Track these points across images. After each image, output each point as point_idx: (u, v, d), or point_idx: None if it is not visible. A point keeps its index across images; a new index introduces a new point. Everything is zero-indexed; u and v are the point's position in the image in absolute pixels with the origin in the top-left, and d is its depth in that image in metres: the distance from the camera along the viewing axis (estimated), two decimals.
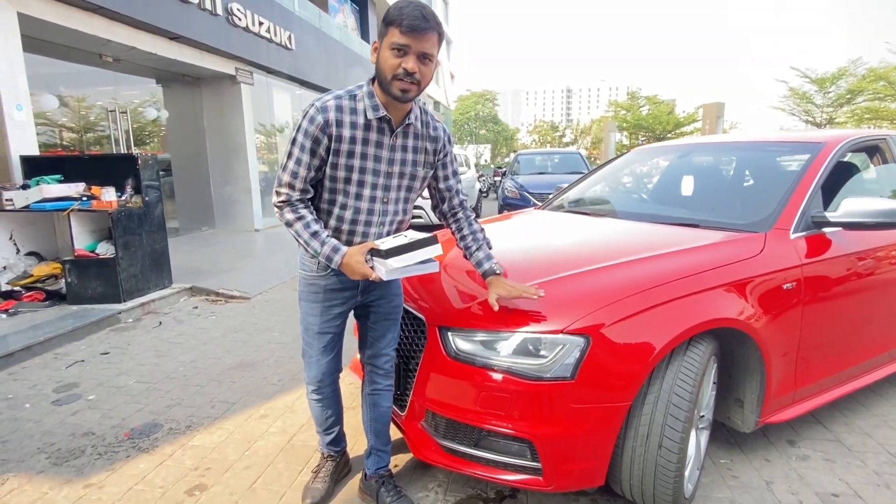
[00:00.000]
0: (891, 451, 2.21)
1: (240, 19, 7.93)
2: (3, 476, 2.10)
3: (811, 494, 1.93)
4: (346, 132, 1.53)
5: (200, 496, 1.95)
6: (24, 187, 4.42)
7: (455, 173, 1.83)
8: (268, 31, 8.78)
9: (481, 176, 15.91)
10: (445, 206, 1.85)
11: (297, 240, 1.60)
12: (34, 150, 5.05)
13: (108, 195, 4.37)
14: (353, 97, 1.56)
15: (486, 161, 40.32)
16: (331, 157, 1.55)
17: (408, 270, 1.56)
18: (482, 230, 1.84)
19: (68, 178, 4.64)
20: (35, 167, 4.79)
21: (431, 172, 1.75)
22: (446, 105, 33.18)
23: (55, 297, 4.36)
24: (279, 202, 1.57)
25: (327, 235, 1.57)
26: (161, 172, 8.85)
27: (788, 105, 22.35)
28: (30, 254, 4.75)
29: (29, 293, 4.34)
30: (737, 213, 2.41)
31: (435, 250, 1.56)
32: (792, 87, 21.84)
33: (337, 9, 14.60)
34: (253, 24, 8.31)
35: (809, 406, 2.16)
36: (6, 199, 4.24)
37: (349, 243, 1.64)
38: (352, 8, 16.00)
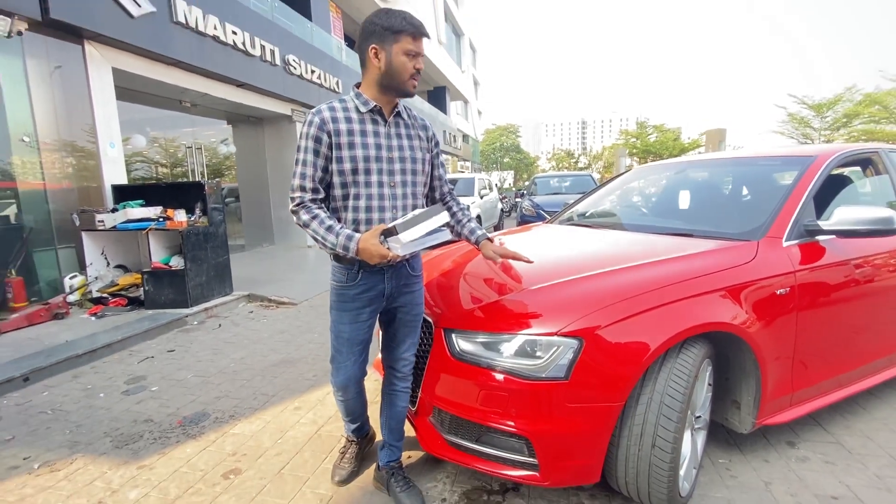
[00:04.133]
0: (892, 454, 1.95)
1: (295, 68, 8.17)
2: (73, 456, 2.12)
3: (810, 496, 1.72)
4: (343, 126, 1.51)
5: (234, 479, 1.90)
6: (113, 211, 4.61)
7: (442, 164, 1.82)
8: (319, 77, 9.01)
9: (504, 198, 15.81)
10: (437, 194, 1.83)
11: (314, 238, 1.51)
12: (123, 180, 5.28)
13: (180, 216, 4.50)
14: (342, 100, 1.57)
15: (509, 185, 40.09)
16: (334, 152, 1.51)
17: (421, 242, 1.46)
18: (468, 208, 1.86)
19: (149, 203, 4.82)
20: (123, 194, 5.00)
21: (429, 157, 1.71)
22: (475, 137, 33.28)
23: (135, 303, 4.49)
24: (294, 207, 1.52)
25: (341, 227, 1.49)
26: (232, 199, 9.24)
27: (787, 129, 21.28)
28: (118, 266, 4.93)
29: (115, 299, 4.49)
30: (731, 223, 2.22)
31: (442, 218, 1.49)
32: (790, 112, 20.81)
33: None
34: (306, 72, 8.55)
35: (807, 409, 1.94)
36: (98, 221, 4.42)
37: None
38: None
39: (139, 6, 5.08)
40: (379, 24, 1.47)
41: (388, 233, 1.44)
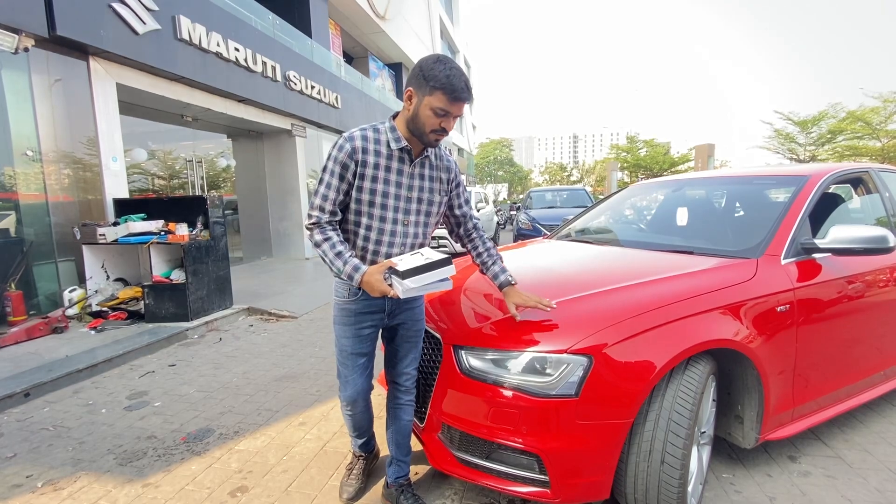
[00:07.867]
0: (891, 467, 1.97)
1: (295, 84, 8.23)
2: (76, 474, 2.08)
3: None
4: (371, 159, 1.51)
5: (241, 497, 1.88)
6: (115, 224, 4.59)
7: (467, 201, 1.81)
8: (318, 93, 9.08)
9: (499, 210, 15.90)
10: (462, 231, 1.83)
11: (323, 259, 1.53)
12: (125, 194, 5.26)
13: (182, 230, 4.48)
14: (376, 130, 1.55)
15: (503, 198, 40.33)
16: (356, 181, 1.52)
17: (423, 289, 1.47)
18: (495, 247, 1.82)
19: (150, 217, 4.81)
20: (125, 207, 4.99)
21: (447, 199, 1.71)
22: (469, 151, 33.55)
23: (135, 317, 4.45)
24: (310, 224, 1.54)
25: (350, 255, 1.50)
26: (230, 211, 9.22)
27: (773, 144, 21.63)
28: (117, 279, 4.89)
29: (115, 313, 4.44)
30: (729, 240, 2.26)
31: (449, 271, 1.48)
32: (777, 128, 21.18)
33: (376, 74, 15.07)
34: (306, 88, 8.62)
35: (808, 423, 1.96)
36: (99, 234, 4.40)
37: (373, 262, 1.58)
38: (388, 73, 16.52)
39: (144, 23, 5.12)
40: (421, 70, 1.43)
41: (395, 272, 1.46)
